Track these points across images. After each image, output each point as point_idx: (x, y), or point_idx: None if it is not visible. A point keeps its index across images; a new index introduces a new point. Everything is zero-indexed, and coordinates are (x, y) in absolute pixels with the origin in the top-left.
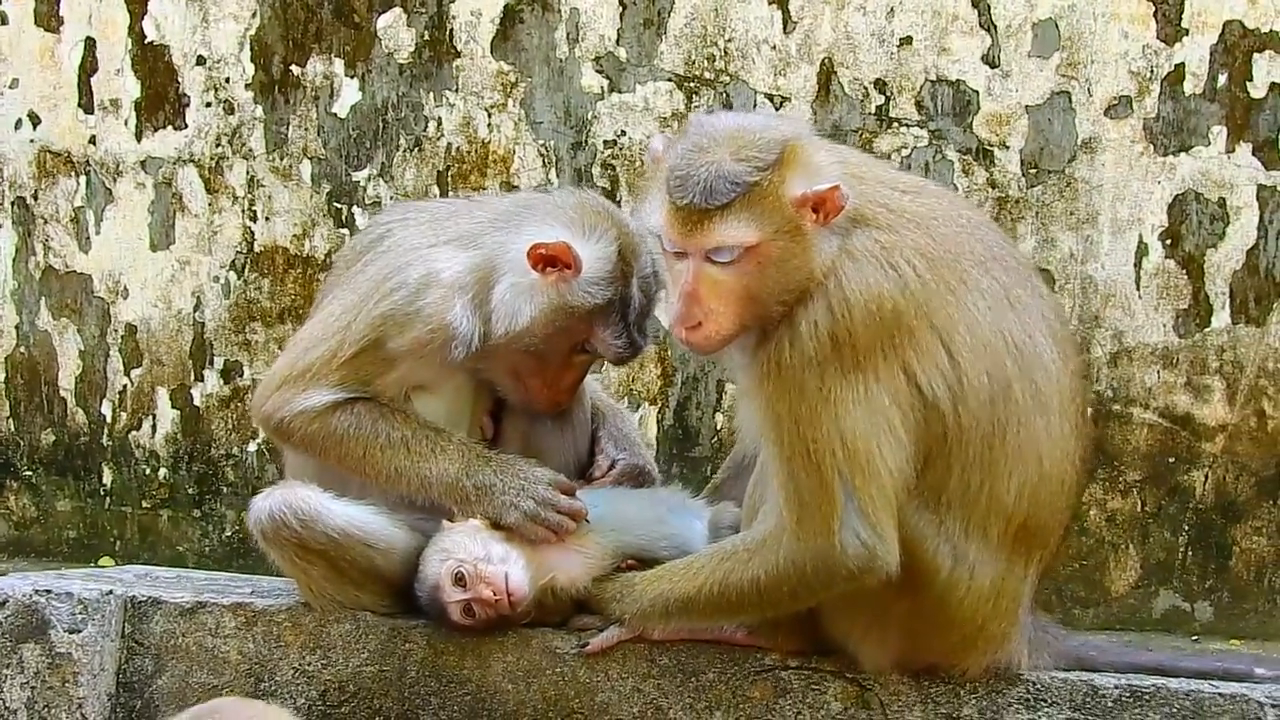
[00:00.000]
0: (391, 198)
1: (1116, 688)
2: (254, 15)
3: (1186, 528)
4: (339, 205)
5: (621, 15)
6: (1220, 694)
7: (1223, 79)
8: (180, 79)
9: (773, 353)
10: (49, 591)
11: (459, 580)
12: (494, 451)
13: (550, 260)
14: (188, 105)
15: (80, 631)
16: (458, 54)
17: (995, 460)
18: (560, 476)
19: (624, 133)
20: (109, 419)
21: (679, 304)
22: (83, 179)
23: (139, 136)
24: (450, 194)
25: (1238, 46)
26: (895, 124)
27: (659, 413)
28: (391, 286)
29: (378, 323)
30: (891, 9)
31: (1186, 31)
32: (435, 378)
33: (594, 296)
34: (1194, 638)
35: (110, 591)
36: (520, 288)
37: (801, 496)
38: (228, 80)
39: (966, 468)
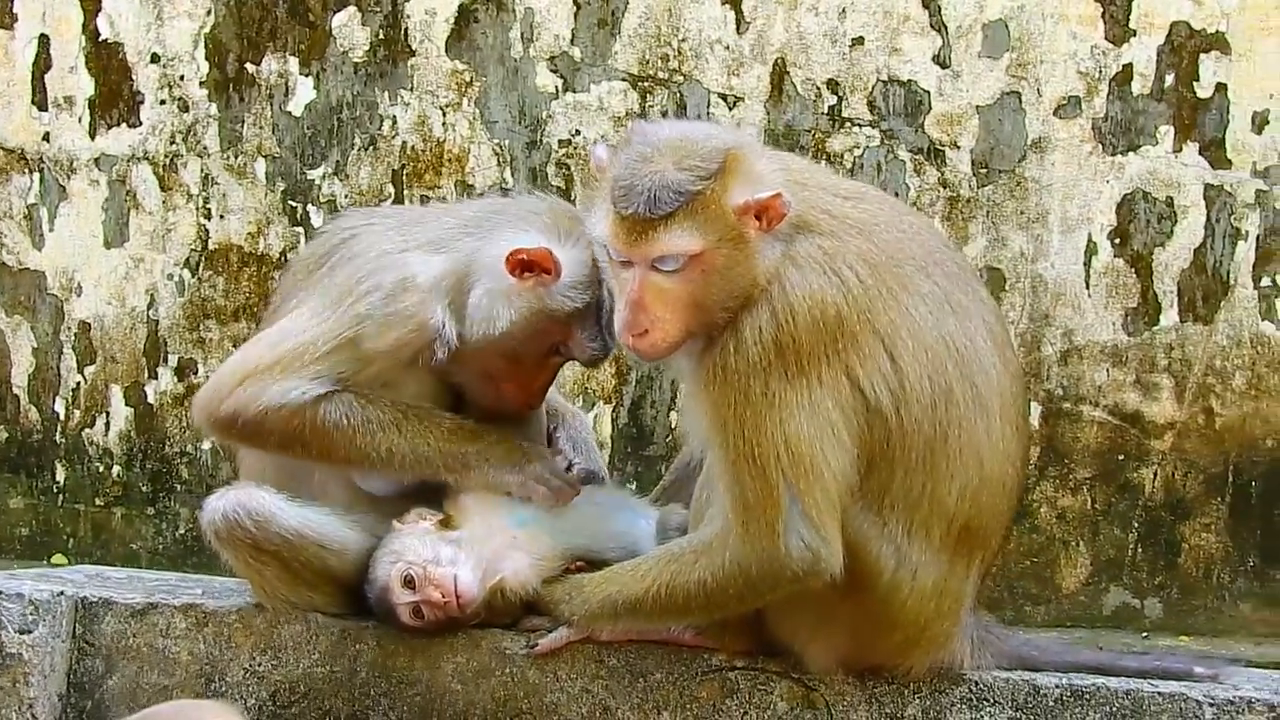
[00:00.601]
0: (346, 196)
1: (1058, 687)
2: (208, 13)
3: (1136, 525)
4: (294, 203)
5: (575, 15)
6: (1159, 693)
7: (1170, 79)
8: (134, 76)
9: (718, 358)
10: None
11: (408, 582)
12: (485, 426)
13: (529, 266)
14: (142, 103)
15: (31, 632)
16: (412, 53)
17: (937, 463)
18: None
19: (578, 132)
20: (62, 416)
21: (625, 312)
22: (36, 176)
23: (93, 134)
24: (405, 193)
25: (1184, 47)
26: (847, 124)
27: (614, 411)
28: (366, 289)
29: (354, 321)
30: (843, 9)
31: (1134, 32)
32: (401, 378)
33: (573, 300)
34: (1144, 634)
35: (61, 592)
36: (496, 293)
37: (746, 500)
38: (182, 78)
39: (909, 471)
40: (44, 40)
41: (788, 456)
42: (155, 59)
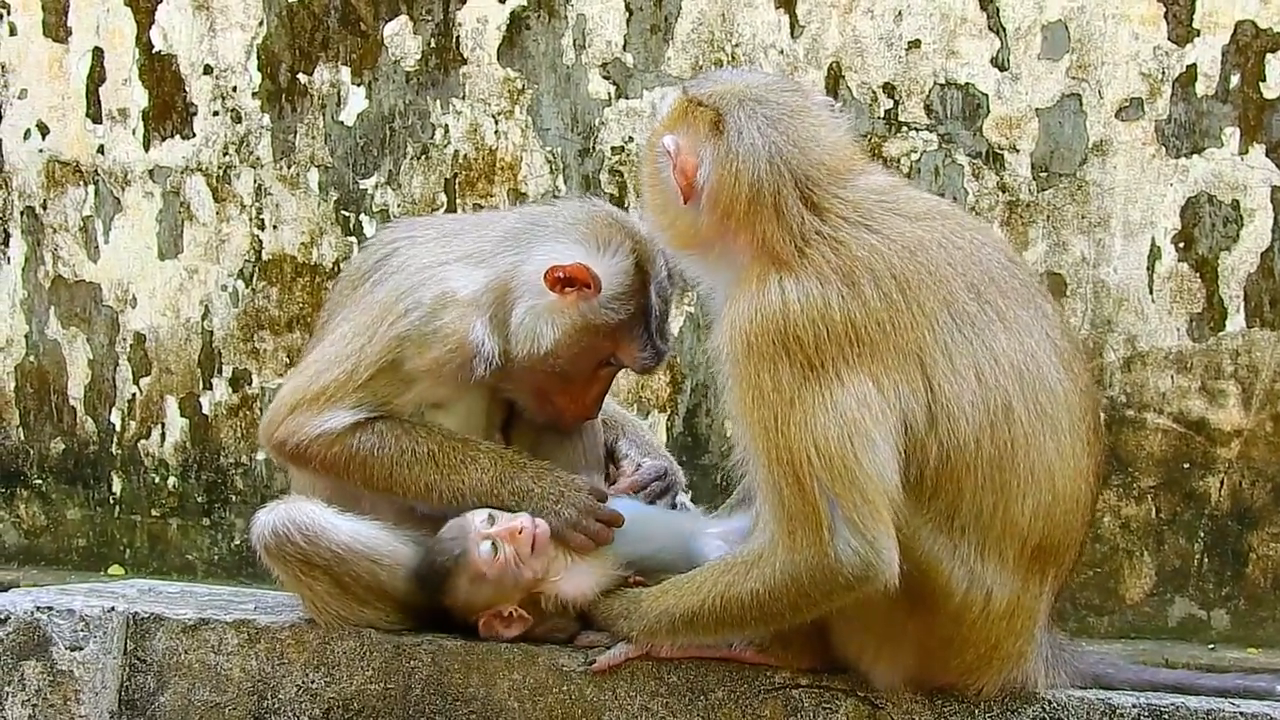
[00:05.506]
0: (399, 206)
1: (1135, 706)
2: (261, 24)
3: (1202, 534)
4: (346, 213)
5: (628, 21)
6: (1240, 713)
7: (1235, 80)
8: (187, 88)
9: (720, 341)
10: (50, 608)
11: (490, 520)
12: (526, 458)
13: (568, 281)
14: (195, 114)
15: (82, 649)
16: (464, 61)
17: (1006, 482)
18: (594, 483)
19: (631, 139)
20: (118, 428)
21: None
22: (91, 188)
23: (147, 146)
24: (458, 201)
25: (1250, 47)
26: (904, 128)
27: (668, 420)
28: (406, 306)
29: (394, 344)
30: (899, 12)
31: (1198, 32)
32: (451, 394)
33: (617, 313)
34: (1210, 646)
35: (112, 608)
36: (539, 310)
37: (787, 507)
38: (235, 89)
39: (977, 491)
40: (98, 53)
41: (819, 460)
42: (208, 70)
